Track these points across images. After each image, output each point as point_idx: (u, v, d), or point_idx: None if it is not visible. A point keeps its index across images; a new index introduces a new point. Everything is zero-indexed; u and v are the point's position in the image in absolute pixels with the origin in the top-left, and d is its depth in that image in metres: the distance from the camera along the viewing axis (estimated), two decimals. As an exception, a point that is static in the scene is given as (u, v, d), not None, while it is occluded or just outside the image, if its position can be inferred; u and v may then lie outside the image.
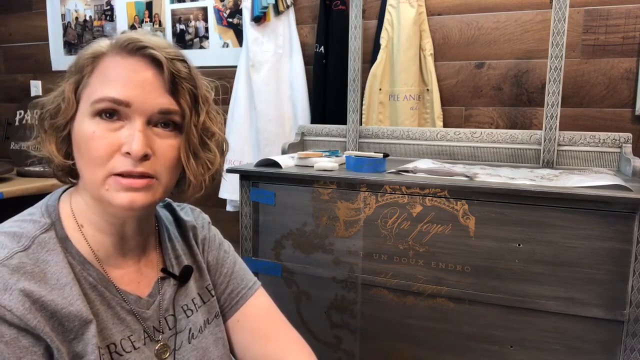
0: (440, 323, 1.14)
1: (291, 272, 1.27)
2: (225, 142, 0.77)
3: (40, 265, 0.63)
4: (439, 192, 1.10)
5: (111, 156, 0.64)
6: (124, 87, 0.64)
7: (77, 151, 0.67)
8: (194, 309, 0.79)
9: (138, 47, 0.65)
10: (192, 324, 0.77)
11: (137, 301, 0.71)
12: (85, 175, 0.66)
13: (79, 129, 0.66)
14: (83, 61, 0.67)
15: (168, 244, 0.80)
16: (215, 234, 0.89)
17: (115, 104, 0.64)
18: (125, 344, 0.68)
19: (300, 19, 1.95)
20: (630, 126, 1.55)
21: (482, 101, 1.72)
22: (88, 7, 2.38)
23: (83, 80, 0.67)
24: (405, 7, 1.69)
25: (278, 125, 1.91)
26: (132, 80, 0.65)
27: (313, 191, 1.22)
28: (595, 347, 1.02)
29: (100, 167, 0.64)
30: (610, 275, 0.99)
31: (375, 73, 1.74)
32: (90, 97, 0.65)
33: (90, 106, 0.65)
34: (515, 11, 1.64)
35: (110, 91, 0.64)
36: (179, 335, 0.75)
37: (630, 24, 1.52)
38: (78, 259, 0.67)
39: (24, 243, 0.64)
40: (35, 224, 0.67)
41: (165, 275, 0.77)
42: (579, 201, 1.00)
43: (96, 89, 0.65)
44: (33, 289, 0.60)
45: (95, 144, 0.64)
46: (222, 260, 0.87)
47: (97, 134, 0.64)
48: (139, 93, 0.65)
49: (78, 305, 0.63)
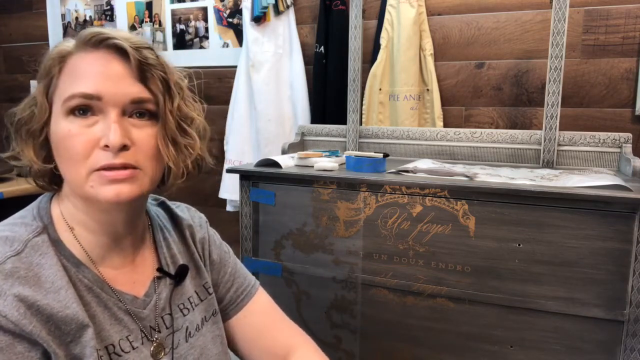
0: (440, 323, 1.14)
1: (291, 272, 1.27)
2: (205, 127, 0.76)
3: (34, 269, 0.62)
4: (439, 192, 1.10)
5: (90, 152, 0.63)
6: (93, 81, 0.64)
7: (57, 153, 0.66)
8: (190, 307, 0.78)
9: (101, 39, 0.65)
10: (189, 323, 0.77)
11: (133, 301, 0.71)
12: (68, 176, 0.66)
13: (55, 130, 0.65)
14: (50, 63, 0.67)
15: (163, 243, 0.80)
16: (214, 233, 0.90)
17: (87, 98, 0.63)
18: (124, 344, 0.68)
19: (300, 19, 1.95)
20: (630, 126, 1.55)
21: (482, 101, 1.72)
22: (88, 7, 2.38)
23: (52, 82, 0.66)
24: (405, 7, 1.69)
25: (278, 125, 1.91)
26: (100, 73, 0.64)
27: (313, 191, 1.22)
28: (595, 347, 1.02)
29: (80, 164, 0.63)
30: (610, 275, 0.99)
31: (375, 73, 1.74)
32: (62, 97, 0.64)
33: (62, 105, 0.64)
34: (515, 11, 1.64)
35: (79, 87, 0.63)
36: (176, 334, 0.75)
37: (630, 24, 1.52)
38: (72, 261, 0.66)
39: (17, 247, 0.63)
40: (28, 227, 0.66)
41: (161, 274, 0.76)
42: (579, 201, 1.00)
43: (66, 88, 0.64)
44: (27, 294, 0.59)
45: (72, 142, 0.63)
46: (224, 259, 0.88)
47: (73, 131, 0.63)
48: (109, 85, 0.64)
49: (74, 308, 0.62)
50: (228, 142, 2.02)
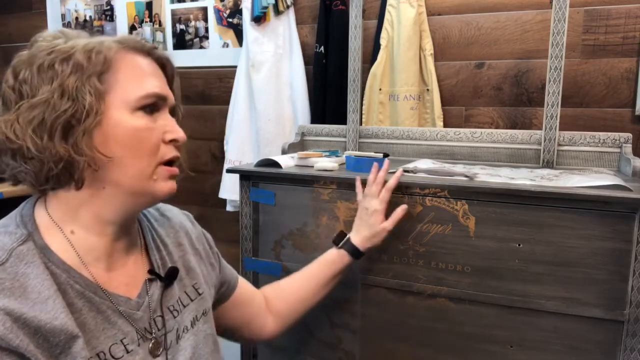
0: (440, 323, 1.14)
1: (291, 272, 1.27)
2: None
3: (20, 280, 0.60)
4: (439, 192, 1.10)
5: (159, 146, 0.70)
6: (159, 83, 0.72)
7: (124, 147, 0.67)
8: (180, 309, 0.79)
9: (150, 48, 0.73)
10: (179, 324, 0.78)
11: (127, 302, 0.71)
12: (131, 170, 0.68)
13: (117, 124, 0.67)
14: (98, 58, 0.65)
15: (153, 245, 0.80)
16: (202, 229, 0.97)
17: (159, 98, 0.71)
18: (116, 349, 0.67)
19: (300, 19, 1.95)
20: (630, 126, 1.55)
21: (482, 101, 1.72)
22: (88, 7, 2.38)
23: (103, 77, 0.66)
24: (405, 7, 1.69)
25: (278, 125, 1.91)
26: (159, 76, 0.73)
27: (313, 191, 1.22)
28: (595, 347, 1.02)
29: (151, 157, 0.69)
30: (610, 275, 0.99)
31: (375, 73, 1.74)
32: (130, 93, 0.68)
33: (134, 101, 0.68)
34: (515, 11, 1.64)
35: (151, 87, 0.70)
36: (168, 335, 0.75)
37: (630, 24, 1.52)
38: (62, 267, 0.65)
39: (1, 257, 0.61)
40: (11, 235, 0.64)
41: (153, 276, 0.77)
42: (579, 201, 1.00)
43: (134, 86, 0.69)
44: (14, 307, 0.57)
45: (145, 135, 0.68)
46: (218, 253, 0.97)
47: (144, 126, 0.68)
48: (166, 88, 0.73)
49: (62, 318, 0.61)
50: (228, 142, 2.02)
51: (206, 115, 2.17)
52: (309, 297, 1.08)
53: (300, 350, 1.28)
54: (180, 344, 0.77)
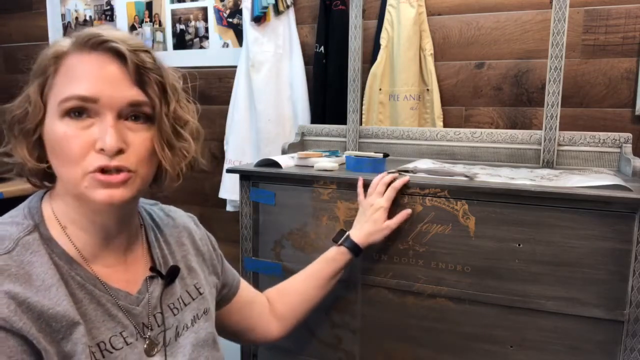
0: (440, 323, 1.14)
1: (291, 272, 1.27)
2: (198, 129, 0.77)
3: (25, 267, 0.62)
4: (439, 192, 1.10)
5: (86, 154, 0.64)
6: (90, 84, 0.64)
7: (52, 153, 0.66)
8: (180, 307, 0.79)
9: (99, 41, 0.65)
10: (179, 322, 0.78)
11: (126, 297, 0.72)
12: (63, 176, 0.66)
13: (50, 131, 0.65)
14: (46, 62, 0.66)
15: (155, 243, 0.81)
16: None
17: (83, 101, 0.64)
18: (116, 340, 0.68)
19: (300, 19, 1.95)
20: (630, 126, 1.55)
21: (482, 101, 1.72)
22: (88, 7, 2.38)
23: (48, 82, 0.66)
24: (405, 7, 1.69)
25: (278, 125, 1.91)
26: (97, 75, 0.64)
27: (313, 191, 1.22)
28: (595, 347, 1.02)
29: (76, 166, 0.64)
30: (610, 275, 0.99)
31: (375, 73, 1.74)
32: (57, 98, 0.64)
33: (58, 106, 0.64)
34: (515, 11, 1.64)
35: (76, 89, 0.64)
36: (167, 332, 0.76)
37: (630, 24, 1.52)
38: (64, 259, 0.67)
39: (7, 245, 0.63)
40: (19, 226, 0.66)
41: (154, 274, 0.77)
42: (579, 201, 0.99)
43: (62, 89, 0.64)
44: (18, 291, 0.59)
45: (68, 144, 0.64)
46: (221, 255, 0.97)
47: (68, 134, 0.64)
48: (105, 88, 0.64)
49: (64, 305, 0.62)
50: (228, 142, 2.02)
51: (206, 115, 2.18)
52: (310, 298, 1.08)
53: (300, 350, 1.28)
54: (179, 341, 0.77)
